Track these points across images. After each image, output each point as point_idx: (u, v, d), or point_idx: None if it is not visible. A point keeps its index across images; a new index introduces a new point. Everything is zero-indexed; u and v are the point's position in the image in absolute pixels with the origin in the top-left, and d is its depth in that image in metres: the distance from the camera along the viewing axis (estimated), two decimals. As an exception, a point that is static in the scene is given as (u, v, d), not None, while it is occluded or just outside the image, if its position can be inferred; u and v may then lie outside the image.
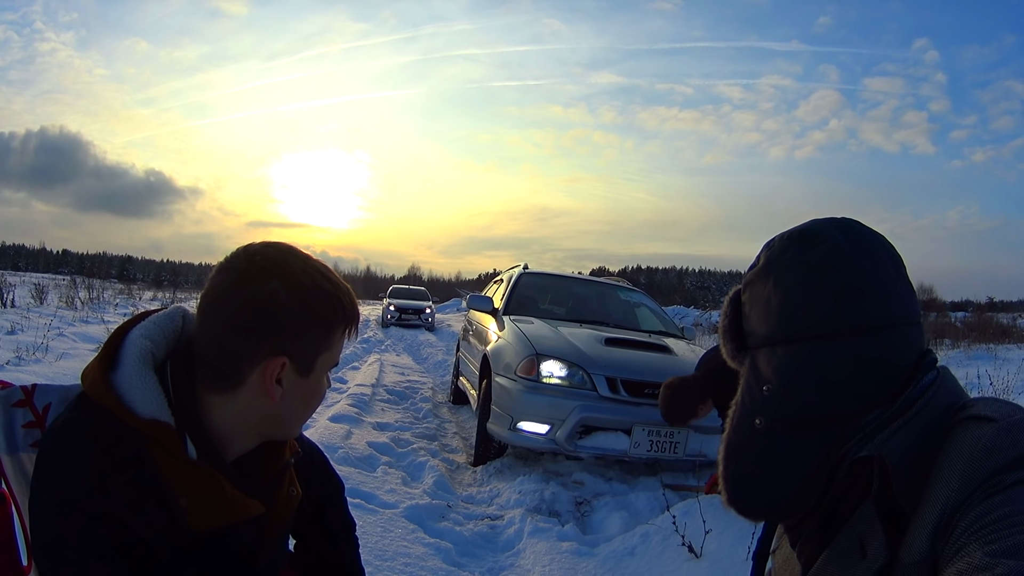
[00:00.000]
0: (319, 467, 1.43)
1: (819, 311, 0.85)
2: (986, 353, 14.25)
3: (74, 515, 0.95)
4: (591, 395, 5.00)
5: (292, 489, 1.22)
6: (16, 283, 17.52)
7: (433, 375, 11.61)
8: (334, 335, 1.10)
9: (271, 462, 1.18)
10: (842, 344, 0.83)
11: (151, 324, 1.10)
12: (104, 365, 1.04)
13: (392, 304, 23.99)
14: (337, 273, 1.13)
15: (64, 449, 0.98)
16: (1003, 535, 0.66)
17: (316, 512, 1.40)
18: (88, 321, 11.78)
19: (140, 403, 1.01)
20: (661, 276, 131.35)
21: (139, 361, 1.04)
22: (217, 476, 1.04)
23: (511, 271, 8.03)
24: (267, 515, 1.13)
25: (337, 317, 1.09)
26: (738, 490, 0.92)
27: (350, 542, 1.47)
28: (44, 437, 1.03)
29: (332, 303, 1.08)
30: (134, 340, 1.07)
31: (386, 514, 4.05)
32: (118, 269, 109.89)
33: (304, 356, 1.07)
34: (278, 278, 1.04)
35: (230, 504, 1.04)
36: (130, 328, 1.10)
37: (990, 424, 0.76)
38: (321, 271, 1.09)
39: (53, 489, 0.96)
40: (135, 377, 1.02)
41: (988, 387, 7.90)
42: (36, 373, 6.24)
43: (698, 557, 3.39)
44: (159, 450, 1.00)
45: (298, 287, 1.05)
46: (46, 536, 0.97)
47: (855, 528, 0.82)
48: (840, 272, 0.85)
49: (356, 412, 6.79)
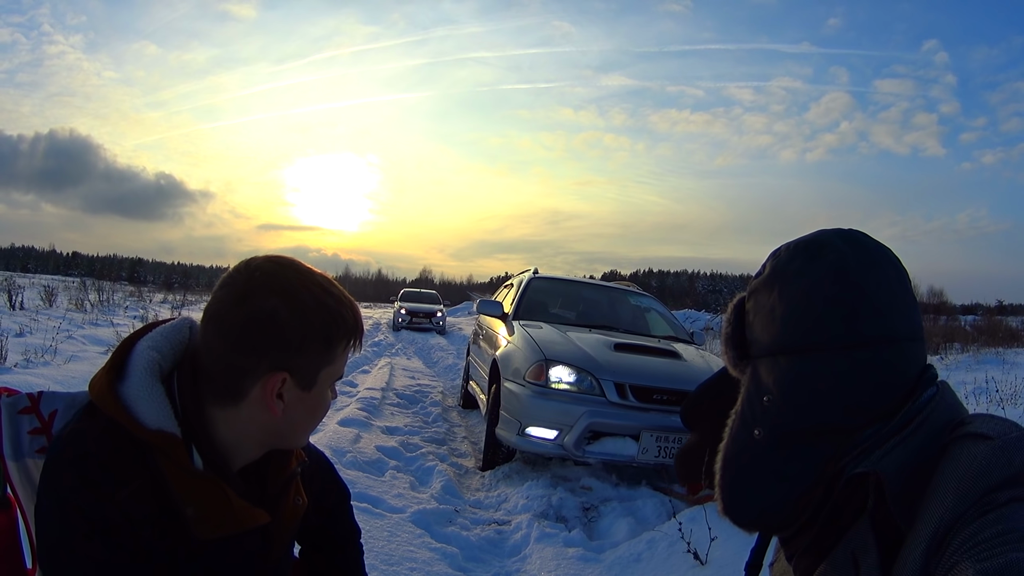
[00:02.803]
0: (325, 475, 1.44)
1: (823, 322, 0.84)
2: (995, 357, 14.16)
3: (80, 523, 0.95)
4: (600, 400, 5.00)
5: (298, 498, 1.23)
6: (25, 285, 17.63)
7: (443, 379, 11.63)
8: (336, 350, 1.10)
9: (277, 472, 1.19)
10: (844, 356, 0.83)
11: (158, 335, 1.11)
12: (112, 376, 1.05)
13: (403, 307, 24.06)
14: (340, 286, 1.13)
15: (72, 457, 0.99)
16: (996, 553, 0.66)
17: (322, 520, 1.41)
18: (97, 324, 11.81)
19: (147, 414, 1.02)
20: (673, 279, 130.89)
21: (146, 372, 1.05)
22: (223, 486, 1.04)
23: (521, 275, 8.05)
24: (273, 524, 1.14)
25: (338, 332, 1.09)
26: (734, 500, 0.92)
27: (355, 549, 1.47)
28: (52, 444, 1.04)
29: (333, 318, 1.08)
30: (141, 351, 1.08)
31: (393, 519, 4.06)
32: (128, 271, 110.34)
33: (305, 371, 1.07)
34: (278, 295, 1.04)
35: (236, 513, 1.05)
36: (138, 339, 1.11)
37: (986, 442, 0.75)
38: (323, 285, 1.09)
39: (60, 496, 0.97)
40: (142, 388, 1.03)
41: (995, 393, 7.84)
42: (44, 376, 6.27)
43: (703, 564, 3.38)
44: (166, 460, 1.01)
45: (298, 303, 1.05)
46: (52, 542, 0.98)
47: (850, 544, 0.82)
48: (845, 285, 0.85)
49: (365, 416, 6.81)
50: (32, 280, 28.56)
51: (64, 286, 22.11)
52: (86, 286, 19.58)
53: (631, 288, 8.17)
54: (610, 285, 8.31)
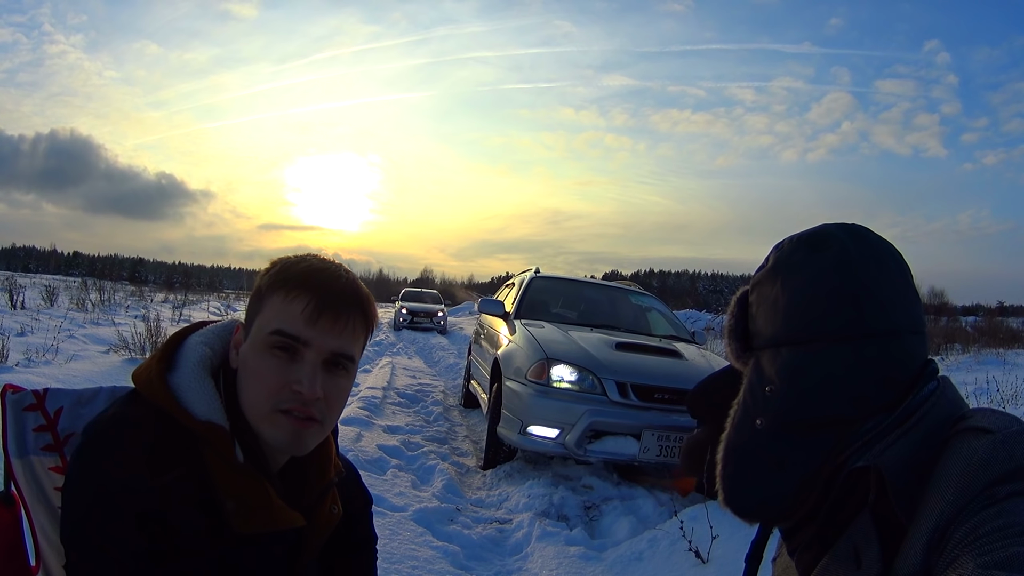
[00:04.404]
0: (352, 483, 1.43)
1: (825, 314, 0.85)
2: (996, 358, 14.13)
3: (113, 507, 0.93)
4: (601, 399, 5.00)
5: (334, 507, 1.22)
6: (26, 284, 17.66)
7: (444, 378, 11.62)
8: (270, 296, 1.07)
9: (316, 480, 1.18)
10: (846, 348, 0.84)
11: (210, 332, 1.14)
12: (162, 366, 1.06)
13: (404, 307, 24.00)
14: (348, 270, 1.12)
15: (114, 440, 0.98)
16: (996, 547, 0.66)
17: (345, 526, 1.40)
18: (99, 323, 11.80)
19: (197, 405, 1.03)
20: (674, 280, 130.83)
21: (198, 365, 1.07)
22: (264, 483, 1.04)
23: (523, 275, 8.05)
24: (307, 529, 1.13)
25: (282, 278, 1.07)
26: (735, 490, 0.92)
27: (370, 555, 1.47)
28: (89, 426, 1.01)
29: (290, 265, 1.09)
30: (193, 345, 1.10)
31: (395, 517, 4.07)
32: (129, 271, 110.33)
33: (248, 320, 1.09)
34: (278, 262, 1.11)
35: (275, 512, 1.04)
36: (188, 334, 1.13)
37: (987, 436, 0.76)
38: (324, 259, 1.12)
39: (99, 474, 0.95)
40: (194, 380, 1.05)
41: (996, 393, 7.83)
42: (46, 375, 6.26)
43: (705, 563, 3.39)
44: (210, 452, 1.01)
45: (284, 261, 1.09)
46: (80, 521, 0.95)
47: (852, 538, 0.82)
48: (848, 277, 0.85)
49: (367, 415, 6.81)
50: (33, 280, 28.55)
51: (65, 286, 22.09)
52: (87, 286, 19.59)
53: (632, 288, 8.17)
54: (611, 284, 8.31)
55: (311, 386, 1.04)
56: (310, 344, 1.05)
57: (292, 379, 1.04)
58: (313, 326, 1.05)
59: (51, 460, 1.12)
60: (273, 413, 1.04)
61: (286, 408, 1.04)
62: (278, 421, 1.05)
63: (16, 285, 14.89)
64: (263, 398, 1.04)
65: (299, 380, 1.04)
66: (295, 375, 1.04)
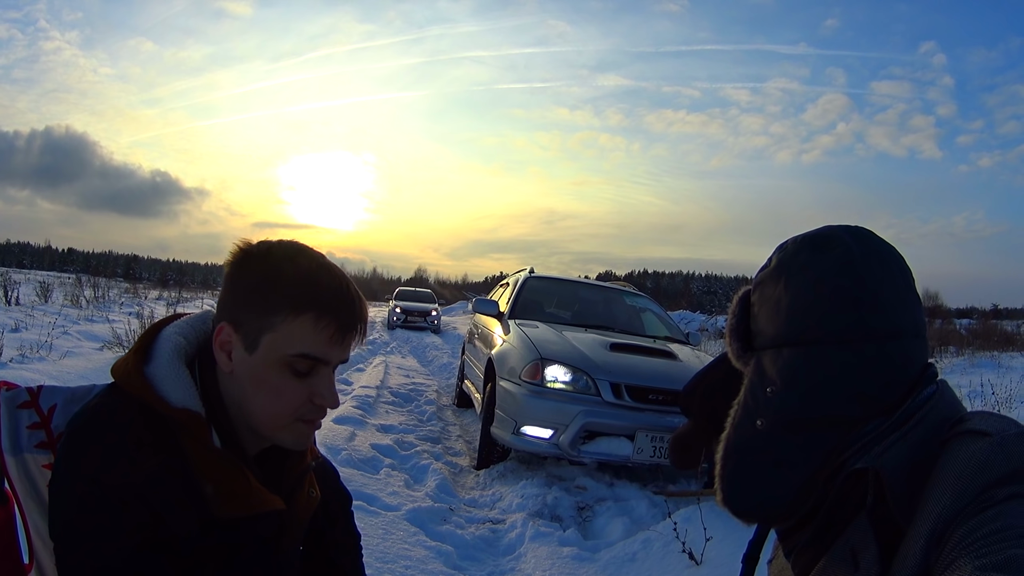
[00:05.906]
0: (330, 480, 1.44)
1: (827, 315, 0.85)
2: (990, 361, 14.18)
3: (102, 494, 0.94)
4: (595, 400, 5.01)
5: (312, 491, 1.24)
6: (21, 281, 17.56)
7: (438, 378, 11.62)
8: (277, 314, 1.06)
9: (293, 465, 1.20)
10: (848, 350, 0.84)
11: (184, 323, 1.16)
12: (139, 358, 1.08)
13: (398, 306, 23.97)
14: (344, 272, 1.12)
15: (99, 429, 1.00)
16: (994, 549, 0.66)
17: (325, 524, 1.40)
18: (93, 320, 11.79)
19: (173, 393, 1.04)
20: (668, 280, 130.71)
21: (173, 354, 1.08)
22: (242, 467, 1.06)
23: (517, 275, 8.05)
24: (287, 513, 1.14)
25: (308, 298, 1.06)
26: (734, 490, 0.92)
27: (355, 554, 1.47)
28: (73, 418, 1.04)
29: (301, 281, 1.07)
30: (168, 336, 1.12)
31: (388, 516, 4.06)
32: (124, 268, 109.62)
33: (248, 328, 1.07)
34: (266, 255, 1.09)
35: (254, 496, 1.06)
36: (163, 326, 1.15)
37: (985, 439, 0.76)
38: (316, 258, 1.11)
39: (84, 467, 0.96)
40: (169, 369, 1.06)
41: (990, 396, 7.85)
42: (40, 371, 6.24)
43: (698, 564, 3.40)
44: (188, 439, 1.03)
45: (272, 260, 1.08)
46: (67, 514, 0.96)
47: (849, 540, 0.82)
48: (851, 278, 0.85)
49: (360, 414, 6.80)
50: (28, 276, 28.42)
51: (60, 282, 22.03)
52: (82, 282, 19.54)
53: (627, 288, 8.17)
54: (606, 285, 8.31)
55: (334, 400, 1.11)
56: (330, 362, 1.10)
57: (314, 393, 1.09)
58: (336, 346, 1.09)
59: (45, 458, 1.11)
60: (294, 423, 1.10)
61: (308, 418, 1.10)
62: (297, 429, 1.11)
63: (10, 281, 14.80)
64: (286, 412, 1.08)
65: (321, 395, 1.09)
66: (316, 389, 1.09)
